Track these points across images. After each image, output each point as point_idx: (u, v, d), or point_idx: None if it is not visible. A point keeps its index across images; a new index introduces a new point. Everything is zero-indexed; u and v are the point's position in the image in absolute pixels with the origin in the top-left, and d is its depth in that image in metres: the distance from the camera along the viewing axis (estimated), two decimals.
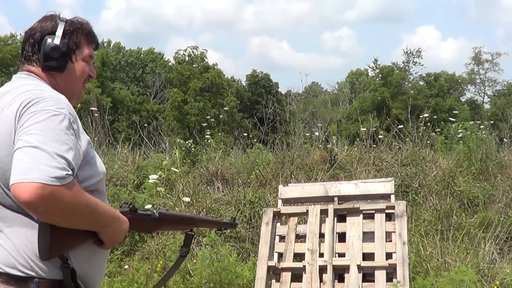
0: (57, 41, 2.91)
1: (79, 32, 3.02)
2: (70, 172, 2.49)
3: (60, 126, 2.58)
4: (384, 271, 7.10)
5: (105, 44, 74.69)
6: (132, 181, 10.19)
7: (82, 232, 2.70)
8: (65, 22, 2.97)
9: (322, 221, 7.76)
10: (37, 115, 2.58)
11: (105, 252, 2.98)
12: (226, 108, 43.40)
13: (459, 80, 72.64)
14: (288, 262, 7.44)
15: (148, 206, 8.84)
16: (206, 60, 58.30)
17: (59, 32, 2.92)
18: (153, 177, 9.61)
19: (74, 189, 2.51)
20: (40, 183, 2.38)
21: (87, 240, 2.78)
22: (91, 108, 12.49)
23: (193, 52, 58.88)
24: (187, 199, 9.49)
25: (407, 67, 69.28)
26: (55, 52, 2.91)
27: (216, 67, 57.60)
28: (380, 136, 12.56)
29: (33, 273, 2.64)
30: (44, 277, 2.65)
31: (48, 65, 2.93)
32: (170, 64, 66.09)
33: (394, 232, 7.37)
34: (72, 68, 3.00)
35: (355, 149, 12.08)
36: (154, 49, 75.40)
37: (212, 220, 4.63)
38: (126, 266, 8.39)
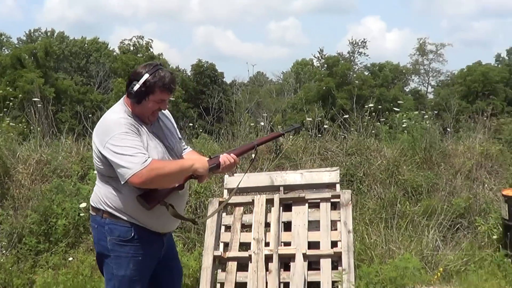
0: (136, 87, 4.41)
1: (155, 84, 4.42)
2: None
3: None
4: (330, 259, 7.16)
5: (49, 34, 73.88)
6: (77, 172, 10.06)
7: None
8: (149, 74, 4.41)
9: (267, 211, 7.79)
10: None
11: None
12: (171, 98, 43.18)
13: (404, 71, 73.48)
14: (234, 252, 7.45)
15: None
16: (151, 49, 57.98)
17: (141, 81, 4.41)
18: None
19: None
20: None
21: None
22: (34, 99, 12.32)
23: (138, 41, 58.53)
24: None
25: (352, 58, 69.78)
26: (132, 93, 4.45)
27: (161, 57, 57.29)
28: (325, 126, 12.59)
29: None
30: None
31: (130, 98, 4.51)
32: (114, 54, 65.48)
33: (339, 220, 7.43)
34: (145, 104, 4.47)
35: (300, 139, 12.08)
36: (98, 38, 74.79)
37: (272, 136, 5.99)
38: (71, 258, 8.31)
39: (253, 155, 5.26)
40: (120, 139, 4.28)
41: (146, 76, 4.40)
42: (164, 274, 4.90)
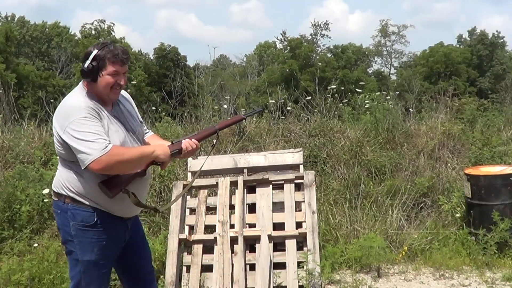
0: (87, 64, 4.39)
1: (105, 57, 4.38)
2: None
3: None
4: (295, 240, 7.18)
5: (9, 19, 73.03)
6: (40, 158, 9.98)
7: None
8: (98, 50, 4.39)
9: (232, 193, 7.78)
10: None
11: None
12: (134, 82, 42.77)
13: (366, 52, 73.83)
14: (199, 235, 7.43)
15: None
16: (113, 33, 57.69)
17: (90, 57, 4.38)
18: None
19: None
20: None
21: None
22: None
23: (99, 25, 58.12)
24: None
25: (315, 40, 69.91)
26: (85, 71, 4.42)
27: (123, 41, 56.88)
28: (288, 108, 12.61)
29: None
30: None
31: (84, 78, 4.47)
32: (76, 38, 64.92)
33: (304, 201, 7.45)
34: (100, 80, 4.41)
35: (264, 121, 12.10)
36: (59, 23, 74.11)
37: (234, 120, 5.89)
38: (36, 245, 8.23)
39: (214, 140, 5.26)
40: (80, 124, 4.22)
41: (95, 51, 4.40)
42: (131, 256, 4.90)
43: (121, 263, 4.90)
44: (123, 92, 4.87)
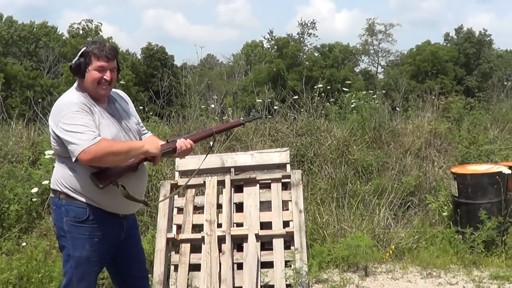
0: (74, 60, 4.56)
1: (91, 52, 4.54)
2: None
3: None
4: (282, 239, 7.19)
5: None
6: (28, 157, 9.97)
7: None
8: (85, 47, 4.59)
9: (219, 192, 7.79)
10: None
11: None
12: (121, 82, 42.74)
13: (354, 51, 73.93)
14: (187, 234, 7.44)
15: (45, 182, 8.72)
16: (100, 33, 57.67)
17: (78, 54, 4.57)
18: (49, 153, 9.38)
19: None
20: None
21: None
22: None
23: (87, 25, 58.08)
24: None
25: (302, 39, 69.94)
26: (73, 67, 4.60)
27: (111, 41, 56.80)
28: (275, 107, 12.61)
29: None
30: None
31: (74, 75, 4.65)
32: (64, 38, 64.84)
33: (291, 201, 7.46)
34: (88, 76, 4.54)
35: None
36: (47, 23, 73.93)
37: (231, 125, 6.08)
38: (24, 244, 8.22)
39: (211, 143, 5.31)
40: (71, 117, 4.33)
41: (83, 49, 4.59)
42: (123, 259, 4.94)
43: (113, 266, 4.95)
44: (120, 92, 5.06)
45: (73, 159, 4.29)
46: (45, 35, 71.48)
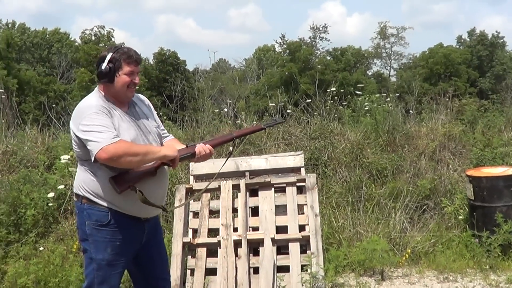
0: (104, 66, 4.61)
1: (120, 58, 4.62)
2: None
3: None
4: (298, 243, 7.19)
5: (10, 26, 73.19)
6: (43, 162, 10.00)
7: None
8: (113, 52, 4.64)
9: (234, 196, 7.79)
10: None
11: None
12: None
13: (366, 54, 73.96)
14: (203, 238, 7.44)
15: (61, 187, 8.80)
16: (112, 39, 57.71)
17: (106, 60, 4.60)
18: (64, 158, 9.43)
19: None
20: None
21: None
22: None
23: (99, 31, 58.19)
24: None
25: (314, 43, 70.00)
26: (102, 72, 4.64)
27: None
28: (288, 111, 12.58)
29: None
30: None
31: (101, 80, 4.68)
32: (76, 44, 65.12)
33: (306, 204, 7.45)
34: (117, 80, 4.63)
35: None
36: (59, 29, 74.44)
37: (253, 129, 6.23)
38: (41, 248, 8.26)
39: (230, 148, 5.42)
40: (91, 118, 4.43)
41: (110, 54, 4.64)
42: (144, 260, 4.99)
43: (134, 267, 5.00)
44: (141, 96, 5.20)
45: (92, 159, 4.34)
46: (57, 41, 71.94)
